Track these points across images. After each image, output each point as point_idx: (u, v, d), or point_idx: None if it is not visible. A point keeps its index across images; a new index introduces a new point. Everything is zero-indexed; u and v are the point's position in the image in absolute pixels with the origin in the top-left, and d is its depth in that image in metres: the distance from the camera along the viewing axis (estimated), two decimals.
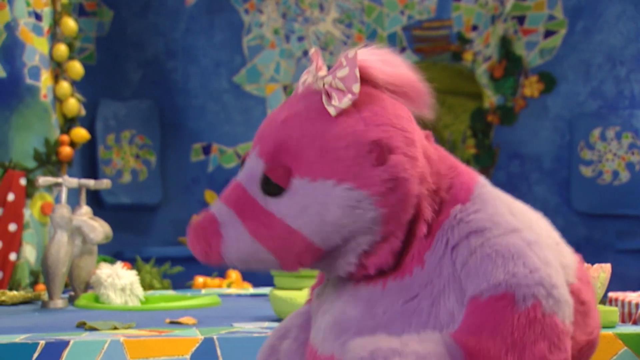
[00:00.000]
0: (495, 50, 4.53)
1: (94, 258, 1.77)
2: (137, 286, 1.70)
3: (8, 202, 2.71)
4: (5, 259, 2.69)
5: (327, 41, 4.58)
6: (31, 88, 2.78)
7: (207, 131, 4.49)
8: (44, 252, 1.69)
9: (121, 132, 4.44)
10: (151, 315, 1.47)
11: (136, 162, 4.44)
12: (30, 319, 1.44)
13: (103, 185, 1.75)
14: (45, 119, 2.83)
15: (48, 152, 2.83)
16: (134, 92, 4.51)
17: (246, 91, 4.51)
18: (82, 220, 1.64)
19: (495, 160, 4.55)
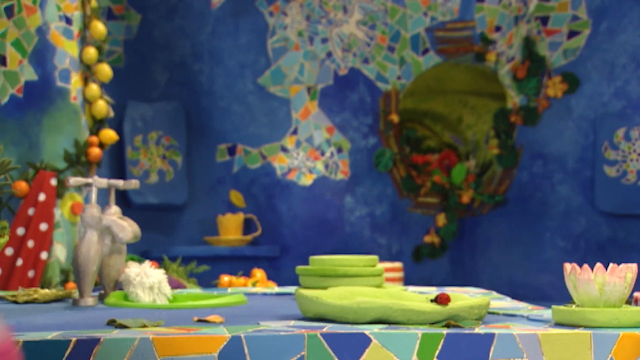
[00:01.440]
0: (518, 51, 4.49)
1: (123, 257, 1.78)
2: (164, 285, 1.71)
3: (39, 202, 2.75)
4: (37, 258, 2.72)
5: (350, 43, 4.57)
6: (61, 90, 2.82)
7: (232, 132, 4.51)
8: (74, 251, 1.71)
9: (148, 133, 4.47)
10: (179, 314, 1.48)
11: (163, 162, 4.47)
12: (62, 316, 1.45)
13: (132, 186, 1.77)
14: (75, 121, 2.86)
15: (78, 153, 2.86)
16: (161, 94, 4.55)
17: (271, 92, 4.52)
18: (111, 219, 1.66)
19: (518, 160, 4.52)
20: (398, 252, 4.61)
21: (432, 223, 4.65)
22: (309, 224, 4.44)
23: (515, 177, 4.53)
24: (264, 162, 4.52)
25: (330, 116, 4.59)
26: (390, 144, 4.64)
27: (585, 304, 1.31)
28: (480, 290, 2.04)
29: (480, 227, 4.61)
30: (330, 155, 4.58)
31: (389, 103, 4.62)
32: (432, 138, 5.01)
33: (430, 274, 4.60)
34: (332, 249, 4.35)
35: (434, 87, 4.92)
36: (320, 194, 4.55)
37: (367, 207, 4.60)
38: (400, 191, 4.65)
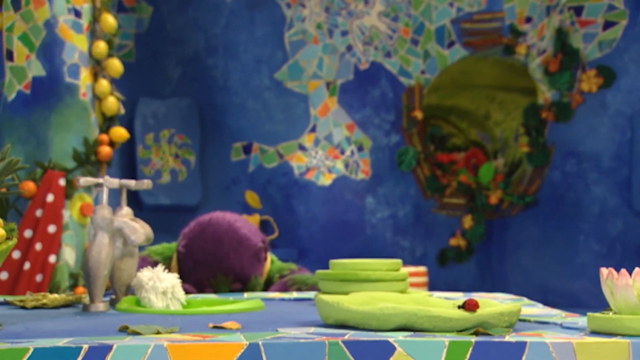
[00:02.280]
0: (550, 43, 4.47)
1: (135, 260, 1.79)
2: (178, 289, 1.72)
3: (47, 203, 2.77)
4: (45, 262, 2.75)
5: (372, 35, 4.57)
6: (70, 86, 2.84)
7: (247, 130, 4.53)
8: (84, 254, 1.72)
9: (160, 131, 4.50)
10: (194, 320, 1.49)
11: (175, 161, 4.49)
12: (72, 322, 1.47)
13: (144, 186, 1.78)
14: (84, 118, 2.89)
15: (87, 152, 2.88)
16: (173, 90, 4.57)
17: (288, 88, 4.53)
18: (123, 221, 1.67)
19: (549, 159, 4.49)
20: (422, 255, 4.60)
21: (458, 225, 4.63)
22: (328, 226, 4.45)
23: (546, 176, 4.50)
24: (280, 161, 4.52)
25: (351, 113, 4.59)
26: (414, 142, 4.63)
27: (622, 311, 1.30)
28: (510, 296, 2.03)
29: (510, 229, 4.59)
30: (351, 154, 4.58)
31: (413, 99, 4.61)
32: (458, 136, 5.00)
33: (456, 278, 4.59)
34: (353, 253, 4.35)
35: (460, 81, 4.90)
36: (340, 195, 4.55)
37: (390, 209, 4.59)
38: (424, 191, 4.64)
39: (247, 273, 2.15)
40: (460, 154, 4.79)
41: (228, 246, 2.15)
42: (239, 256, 2.15)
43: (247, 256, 2.15)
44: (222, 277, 2.13)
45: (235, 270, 2.14)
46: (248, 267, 2.15)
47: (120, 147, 3.35)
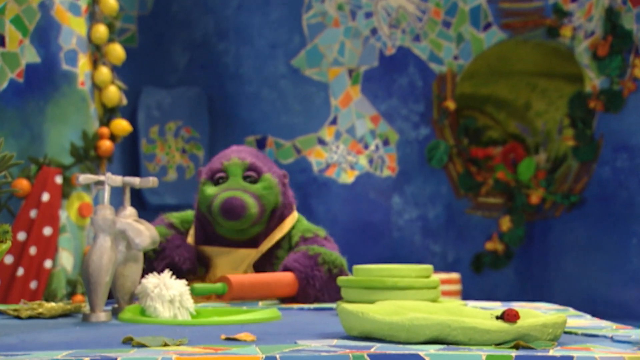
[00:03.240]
0: (599, 25, 4.44)
1: (139, 266, 1.80)
2: (187, 298, 1.73)
3: (43, 203, 2.79)
4: (40, 267, 2.77)
5: (399, 17, 4.57)
6: (68, 74, 2.86)
7: (261, 122, 4.54)
8: (84, 259, 1.73)
9: (166, 123, 4.52)
10: (204, 331, 1.50)
11: (182, 157, 4.52)
12: (71, 333, 1.48)
13: (149, 184, 1.79)
14: (82, 110, 2.91)
15: (86, 147, 2.91)
16: (180, 79, 4.59)
17: (306, 76, 4.54)
18: (126, 223, 1.68)
19: (598, 153, 4.46)
20: (455, 261, 4.59)
21: (495, 227, 4.62)
22: (350, 228, 4.45)
23: (594, 173, 4.47)
24: (298, 156, 4.53)
25: (375, 103, 4.59)
26: (446, 136, 4.62)
27: None
28: (554, 306, 2.02)
29: (553, 232, 4.57)
30: (375, 149, 4.58)
31: (444, 87, 4.60)
32: (495, 128, 4.98)
33: (493, 286, 4.58)
34: (378, 257, 4.35)
35: (497, 68, 4.89)
36: (364, 194, 4.55)
37: (418, 209, 4.59)
38: (457, 190, 4.63)
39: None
40: (497, 148, 4.78)
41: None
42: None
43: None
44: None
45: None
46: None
47: (122, 142, 3.37)
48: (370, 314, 1.36)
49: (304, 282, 2.10)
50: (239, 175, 2.23)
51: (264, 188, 2.23)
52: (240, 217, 2.15)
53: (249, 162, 2.25)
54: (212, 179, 2.25)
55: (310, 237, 2.26)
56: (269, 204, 2.23)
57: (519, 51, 4.77)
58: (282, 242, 2.28)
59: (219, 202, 2.16)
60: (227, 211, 2.14)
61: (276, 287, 2.09)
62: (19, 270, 2.76)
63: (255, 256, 2.23)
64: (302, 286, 2.10)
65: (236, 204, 2.15)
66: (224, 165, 2.25)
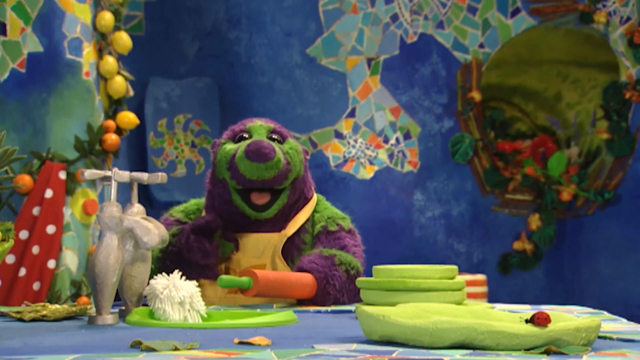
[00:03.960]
0: (635, 10, 4.41)
1: (147, 266, 1.81)
2: (197, 299, 1.74)
3: (46, 200, 2.81)
4: (43, 267, 2.79)
5: (420, 3, 4.56)
6: (72, 64, 2.87)
7: (275, 114, 4.54)
8: (90, 258, 1.75)
9: (174, 116, 4.54)
10: (216, 334, 1.51)
11: (192, 152, 4.53)
12: (77, 337, 1.49)
13: (158, 180, 1.79)
14: (87, 101, 2.92)
15: (91, 141, 2.92)
16: (190, 69, 4.60)
17: (322, 66, 4.54)
18: (134, 220, 1.69)
19: (634, 147, 4.44)
20: (480, 261, 4.58)
21: (524, 226, 4.60)
22: (369, 226, 4.45)
23: (629, 168, 4.45)
24: (314, 150, 4.54)
25: (396, 94, 4.58)
26: (471, 128, 4.61)
27: None
28: (587, 310, 2.02)
29: (585, 230, 4.55)
30: (396, 142, 4.58)
31: (469, 77, 4.59)
32: (523, 120, 4.97)
33: (521, 289, 4.56)
34: (398, 258, 4.35)
35: (525, 56, 4.87)
36: (383, 190, 4.55)
37: (442, 206, 4.58)
38: (483, 186, 4.62)
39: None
40: (525, 142, 4.76)
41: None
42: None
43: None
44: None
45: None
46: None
47: (129, 135, 3.38)
48: (392, 317, 1.36)
49: (323, 282, 2.09)
50: (263, 135, 2.21)
51: (290, 148, 2.21)
52: (268, 159, 2.11)
53: (273, 126, 2.25)
54: (234, 139, 2.23)
55: (334, 232, 2.25)
56: (295, 167, 2.20)
57: (549, 38, 4.75)
58: (307, 225, 2.28)
59: (244, 146, 2.14)
60: (253, 152, 2.11)
61: (298, 287, 2.07)
62: (21, 271, 2.78)
63: (281, 240, 2.20)
64: (322, 286, 2.08)
65: (264, 144, 2.12)
66: (247, 126, 2.24)
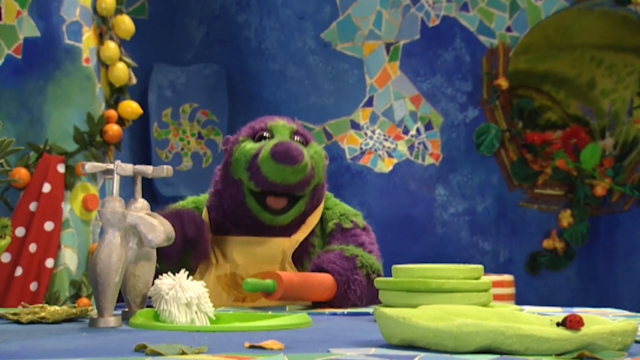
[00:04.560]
0: None
1: (152, 265, 1.82)
2: (205, 301, 1.74)
3: (43, 195, 2.82)
4: (41, 266, 2.80)
5: None
6: (70, 50, 2.88)
7: (287, 103, 4.54)
8: (91, 257, 1.75)
9: (180, 105, 4.54)
10: (225, 338, 1.51)
11: (198, 143, 4.54)
12: (78, 340, 1.50)
13: (163, 173, 1.80)
14: (87, 90, 2.93)
15: (91, 132, 2.93)
16: (196, 55, 4.61)
17: (338, 51, 4.53)
18: (138, 217, 1.69)
19: None
20: (507, 261, 4.57)
21: (554, 223, 4.59)
22: (388, 223, 4.45)
23: None
24: (328, 142, 4.54)
25: (417, 82, 4.58)
26: (497, 118, 4.60)
27: None
28: (622, 312, 2.01)
29: (621, 228, 4.53)
30: (416, 133, 4.57)
31: (496, 63, 4.58)
32: (554, 109, 4.95)
33: (552, 290, 4.55)
34: (419, 257, 4.35)
35: (556, 40, 4.85)
36: (403, 184, 4.55)
37: (466, 202, 4.58)
38: (510, 180, 4.61)
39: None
40: (556, 132, 4.75)
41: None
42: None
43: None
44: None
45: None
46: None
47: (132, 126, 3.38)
48: (413, 319, 1.36)
49: (344, 287, 2.07)
50: (286, 135, 2.19)
51: (315, 153, 2.20)
52: (296, 162, 2.08)
53: (296, 127, 2.23)
54: (253, 137, 2.21)
55: (348, 229, 2.23)
56: (318, 173, 2.19)
57: (582, 21, 4.73)
58: (316, 227, 2.26)
59: (269, 148, 2.11)
60: (281, 153, 2.07)
61: (319, 290, 2.06)
62: (17, 270, 2.80)
63: (292, 246, 2.20)
64: (342, 291, 2.07)
65: (293, 146, 2.09)
66: (268, 125, 2.21)
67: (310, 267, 2.14)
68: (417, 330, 1.35)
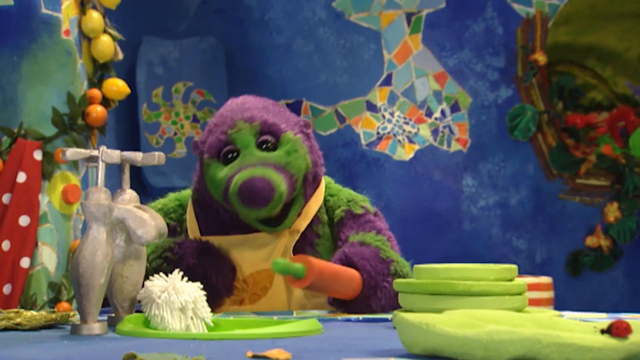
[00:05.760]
0: None
1: (142, 264, 1.83)
2: (202, 305, 1.75)
3: (18, 185, 2.83)
4: (16, 266, 2.81)
5: None
6: (48, 21, 2.89)
7: (294, 82, 4.55)
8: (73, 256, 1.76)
9: (172, 84, 4.55)
10: (225, 347, 1.52)
11: (193, 127, 4.55)
12: (58, 349, 1.51)
13: (154, 161, 1.81)
14: (68, 66, 2.93)
15: (72, 114, 2.93)
16: (190, 26, 4.61)
17: (352, 22, 4.53)
18: (126, 210, 1.70)
19: None
20: (545, 260, 4.57)
21: (599, 217, 4.59)
22: (409, 217, 4.45)
23: None
24: (341, 126, 4.54)
25: (442, 57, 4.57)
26: (533, 98, 4.60)
27: None
28: None
29: None
30: (441, 116, 4.57)
31: (532, 36, 4.57)
32: (599, 88, 4.94)
33: (595, 293, 4.55)
34: (445, 255, 4.35)
35: (602, 9, 4.84)
36: (426, 174, 4.55)
37: (497, 193, 4.58)
38: (549, 169, 4.61)
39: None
40: (601, 114, 4.74)
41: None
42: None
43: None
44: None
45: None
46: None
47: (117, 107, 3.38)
48: (438, 326, 1.37)
49: (370, 292, 2.07)
50: (251, 144, 2.20)
51: (287, 153, 2.20)
52: (268, 203, 2.12)
53: (259, 123, 2.22)
54: (219, 157, 2.23)
55: (360, 215, 2.25)
56: (299, 171, 2.20)
57: None
58: (319, 214, 2.27)
59: (236, 188, 2.13)
60: (250, 199, 2.11)
61: (346, 287, 2.06)
62: None
63: (293, 238, 2.22)
64: (367, 295, 2.07)
65: (259, 187, 2.11)
66: (229, 136, 2.21)
67: (337, 255, 2.13)
68: (442, 338, 1.35)
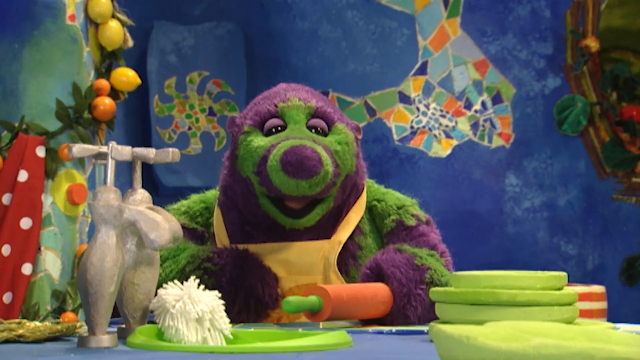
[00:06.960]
0: None
1: (155, 271, 1.83)
2: (220, 315, 1.76)
3: (19, 185, 2.85)
4: (16, 273, 2.83)
5: None
6: (52, 5, 2.90)
7: (320, 71, 4.55)
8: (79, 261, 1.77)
9: (187, 74, 4.56)
10: None
11: (210, 121, 4.56)
12: None
13: (168, 158, 1.81)
14: (73, 55, 2.95)
15: (78, 106, 2.95)
16: (206, 11, 4.62)
17: (383, 5, 4.54)
18: (138, 212, 1.71)
19: None
20: (598, 267, 4.56)
21: None
22: (446, 220, 4.44)
23: None
24: (371, 119, 4.54)
25: (482, 44, 4.57)
26: (584, 89, 4.59)
27: None
28: None
29: None
30: (482, 108, 4.57)
31: (582, 20, 4.56)
32: None
33: None
34: (486, 261, 4.35)
35: None
36: (465, 172, 4.55)
37: (544, 193, 4.57)
38: (601, 167, 4.59)
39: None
40: None
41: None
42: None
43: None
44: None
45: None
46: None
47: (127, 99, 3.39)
48: (479, 339, 1.37)
49: (403, 301, 2.05)
50: (301, 122, 2.17)
51: (338, 142, 2.17)
52: (312, 174, 2.06)
53: (314, 106, 2.19)
54: (262, 128, 2.18)
55: (413, 227, 2.22)
56: (345, 166, 2.17)
57: None
58: (361, 224, 2.25)
59: (281, 153, 2.08)
60: (294, 165, 2.05)
61: (373, 304, 2.04)
62: None
63: (333, 249, 2.18)
64: (400, 305, 2.06)
65: (307, 154, 2.06)
66: (279, 109, 2.18)
67: (366, 265, 2.11)
68: (484, 352, 1.35)
